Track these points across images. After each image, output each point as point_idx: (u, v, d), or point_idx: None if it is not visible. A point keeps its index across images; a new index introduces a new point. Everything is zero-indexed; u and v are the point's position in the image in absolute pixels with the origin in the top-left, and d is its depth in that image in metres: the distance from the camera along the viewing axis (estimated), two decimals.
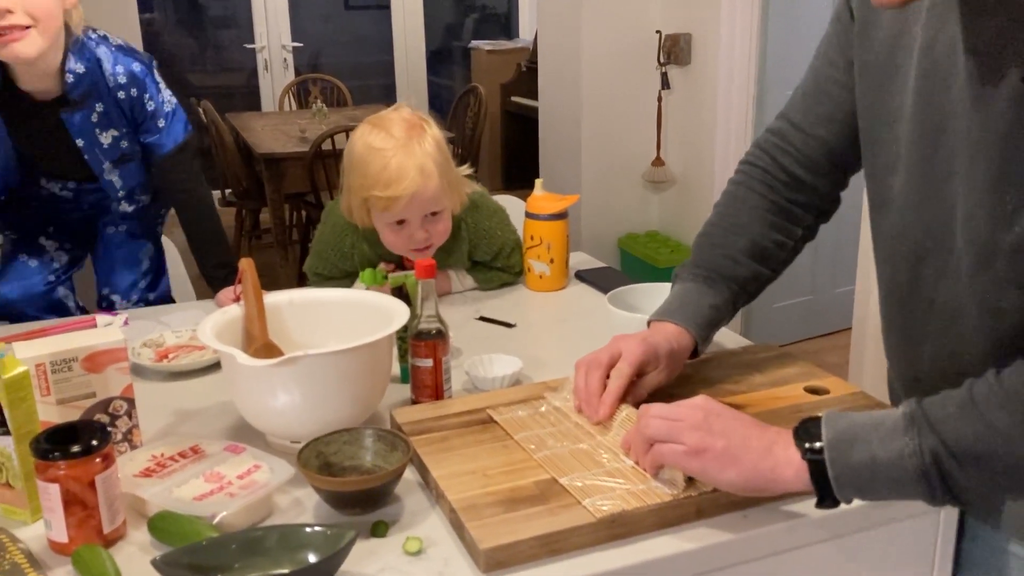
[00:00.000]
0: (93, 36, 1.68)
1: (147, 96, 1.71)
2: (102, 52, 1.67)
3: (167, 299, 1.99)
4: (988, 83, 0.85)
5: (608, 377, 1.12)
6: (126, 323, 1.63)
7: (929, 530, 1.07)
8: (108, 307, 1.91)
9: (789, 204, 1.23)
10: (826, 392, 1.21)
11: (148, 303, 1.95)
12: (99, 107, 1.69)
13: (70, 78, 1.65)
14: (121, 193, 1.86)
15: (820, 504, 0.92)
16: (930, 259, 0.98)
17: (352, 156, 1.57)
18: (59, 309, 1.89)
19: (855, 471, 0.88)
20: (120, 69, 1.68)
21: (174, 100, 1.77)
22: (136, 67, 1.70)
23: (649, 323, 1.22)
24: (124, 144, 1.77)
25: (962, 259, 0.93)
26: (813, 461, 0.90)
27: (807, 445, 0.91)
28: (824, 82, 1.15)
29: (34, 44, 1.55)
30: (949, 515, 1.07)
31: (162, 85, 1.75)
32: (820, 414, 0.93)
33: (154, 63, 1.75)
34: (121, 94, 1.69)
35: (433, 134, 1.58)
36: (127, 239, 1.93)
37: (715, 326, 1.22)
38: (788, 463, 0.91)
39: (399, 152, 1.52)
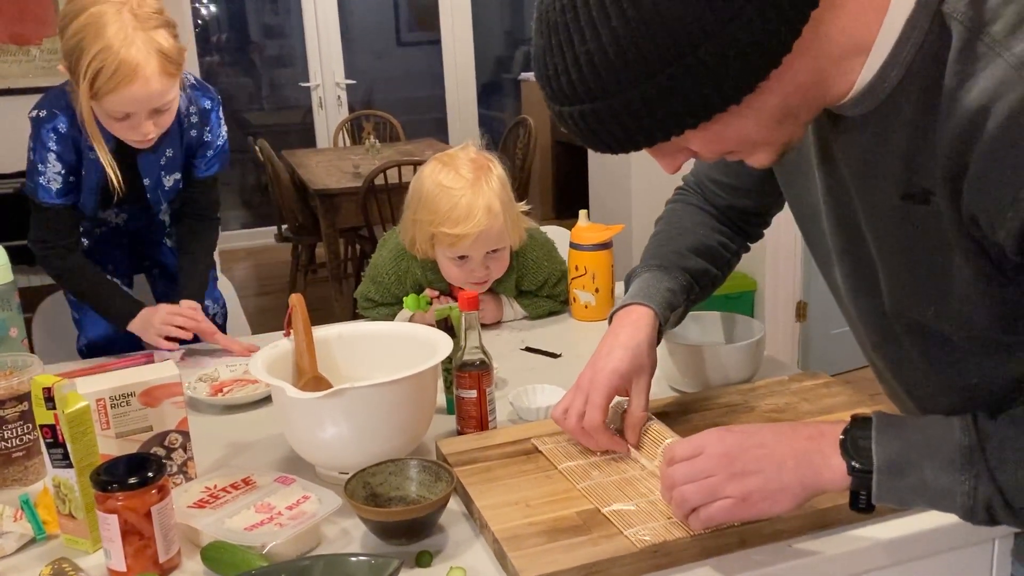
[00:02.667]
0: None
1: (207, 129, 1.80)
2: (180, 96, 1.74)
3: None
4: (871, 198, 0.86)
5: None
6: (183, 358, 1.68)
7: (984, 557, 1.05)
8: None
9: (727, 213, 1.29)
10: None
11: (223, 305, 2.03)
12: (169, 152, 1.78)
13: None
14: (168, 230, 1.97)
15: (853, 506, 0.88)
16: (884, 347, 0.99)
17: (421, 192, 1.63)
18: (137, 344, 1.95)
19: (900, 493, 0.85)
20: (193, 109, 1.76)
21: (226, 137, 1.86)
22: (207, 103, 1.79)
23: (611, 318, 1.21)
24: (180, 185, 1.85)
25: (910, 350, 0.93)
26: (859, 476, 0.86)
27: (855, 464, 0.86)
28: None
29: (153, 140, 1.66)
30: (1004, 543, 1.05)
31: (222, 122, 1.84)
32: (869, 415, 0.89)
33: (219, 100, 1.83)
34: (193, 132, 1.78)
35: (498, 173, 1.64)
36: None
37: (673, 309, 1.21)
38: (829, 468, 0.88)
39: (468, 191, 1.58)
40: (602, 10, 0.71)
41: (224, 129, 1.84)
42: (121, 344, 1.84)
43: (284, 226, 4.75)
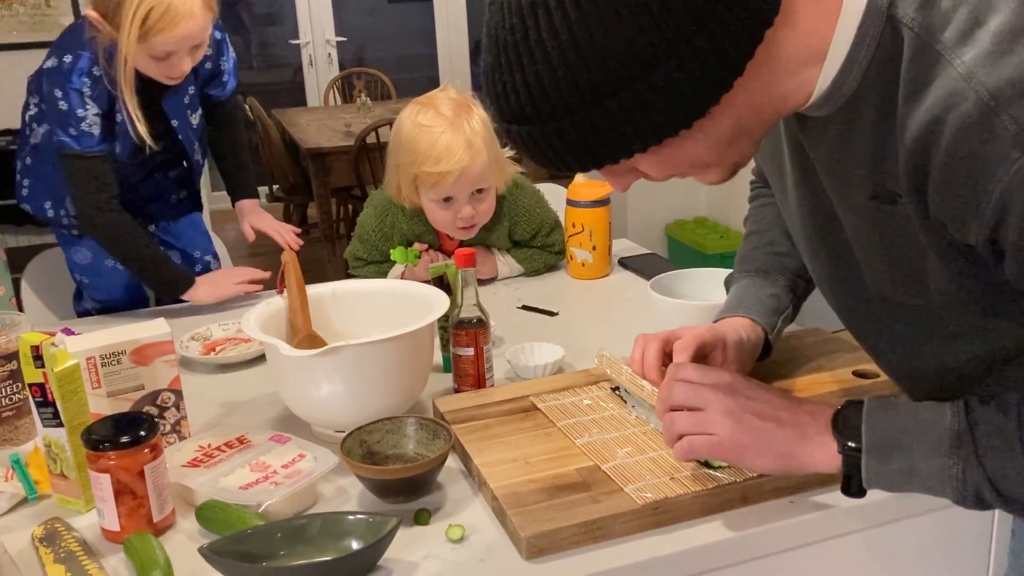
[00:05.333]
0: None
1: (222, 59, 1.81)
2: None
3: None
4: (843, 194, 0.84)
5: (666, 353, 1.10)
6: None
7: (985, 515, 1.05)
8: (204, 270, 1.94)
9: None
10: (875, 376, 1.18)
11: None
12: (191, 90, 1.77)
13: None
14: (203, 167, 1.96)
15: (845, 490, 0.88)
16: (866, 339, 0.97)
17: (400, 135, 1.61)
18: (144, 301, 1.92)
19: (890, 476, 0.85)
20: (209, 42, 1.72)
21: (235, 55, 1.88)
22: (217, 34, 1.77)
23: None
24: (204, 122, 1.85)
25: (892, 326, 0.92)
26: (849, 456, 0.86)
27: (846, 442, 0.87)
28: None
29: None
30: None
31: (229, 45, 1.86)
32: (863, 399, 0.89)
33: (223, 26, 1.82)
34: (208, 64, 1.77)
35: (480, 114, 1.62)
36: (190, 202, 1.99)
37: (779, 314, 1.19)
38: (821, 447, 0.88)
39: (448, 129, 1.56)
40: (552, 32, 0.68)
41: (232, 50, 1.87)
42: (126, 307, 1.82)
43: (275, 186, 4.70)
